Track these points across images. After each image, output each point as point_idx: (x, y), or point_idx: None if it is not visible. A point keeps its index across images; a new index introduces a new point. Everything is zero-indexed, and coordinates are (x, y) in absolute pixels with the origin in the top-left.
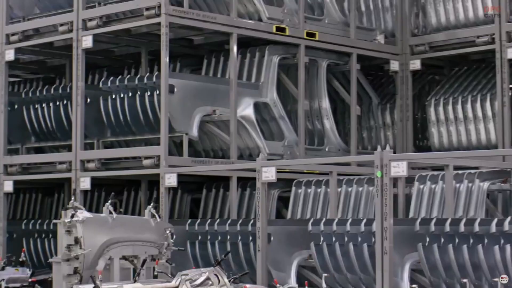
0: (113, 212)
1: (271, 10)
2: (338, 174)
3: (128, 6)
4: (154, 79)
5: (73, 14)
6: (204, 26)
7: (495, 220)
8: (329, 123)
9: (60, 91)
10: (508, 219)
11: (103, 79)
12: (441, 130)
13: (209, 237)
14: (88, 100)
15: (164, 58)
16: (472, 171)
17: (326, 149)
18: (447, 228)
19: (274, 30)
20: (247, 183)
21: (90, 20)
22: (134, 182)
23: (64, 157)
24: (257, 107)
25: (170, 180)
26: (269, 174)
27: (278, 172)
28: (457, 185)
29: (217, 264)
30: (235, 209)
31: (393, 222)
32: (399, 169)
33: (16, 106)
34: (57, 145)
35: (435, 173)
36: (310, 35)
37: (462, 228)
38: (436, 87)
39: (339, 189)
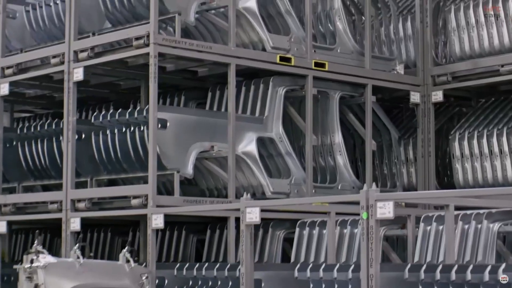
0: (80, 257)
1: (277, 39)
2: (348, 214)
3: (118, 36)
4: (144, 114)
5: (64, 46)
6: (199, 57)
7: (489, 267)
8: (342, 159)
9: (53, 126)
10: (503, 266)
11: (95, 114)
12: (466, 166)
13: (199, 282)
14: (83, 136)
15: (153, 91)
16: (481, 211)
17: (339, 187)
18: (438, 276)
19: (277, 60)
20: None
21: (82, 51)
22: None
23: (55, 196)
24: (262, 142)
25: (157, 221)
26: (253, 215)
27: (284, 212)
28: (465, 226)
29: None
30: (233, 252)
31: (382, 268)
32: (385, 210)
33: (14, 143)
34: (53, 184)
35: (442, 213)
36: (319, 65)
37: (453, 276)
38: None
39: (344, 231)
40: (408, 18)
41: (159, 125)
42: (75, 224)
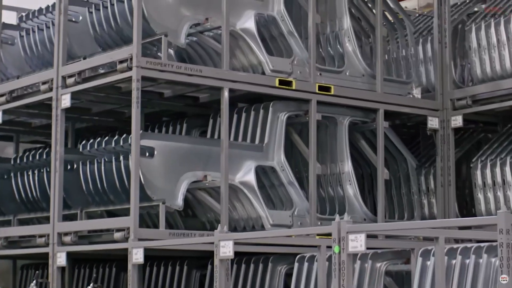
0: None
1: (277, 61)
2: None
3: (102, 60)
4: (130, 141)
5: (53, 71)
6: (189, 80)
7: None
8: (352, 190)
9: (44, 157)
10: None
11: (83, 143)
12: (488, 195)
13: None
14: (75, 166)
15: (135, 117)
16: (482, 244)
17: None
18: None
19: (277, 84)
20: (251, 258)
21: (70, 76)
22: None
23: (42, 229)
24: (264, 171)
25: (137, 256)
26: (226, 249)
27: (285, 245)
28: (465, 261)
29: None
30: None
31: None
32: (357, 243)
33: (11, 174)
34: (45, 216)
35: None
36: (324, 88)
37: None
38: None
39: None
40: (428, 39)
41: (147, 154)
42: (61, 259)
